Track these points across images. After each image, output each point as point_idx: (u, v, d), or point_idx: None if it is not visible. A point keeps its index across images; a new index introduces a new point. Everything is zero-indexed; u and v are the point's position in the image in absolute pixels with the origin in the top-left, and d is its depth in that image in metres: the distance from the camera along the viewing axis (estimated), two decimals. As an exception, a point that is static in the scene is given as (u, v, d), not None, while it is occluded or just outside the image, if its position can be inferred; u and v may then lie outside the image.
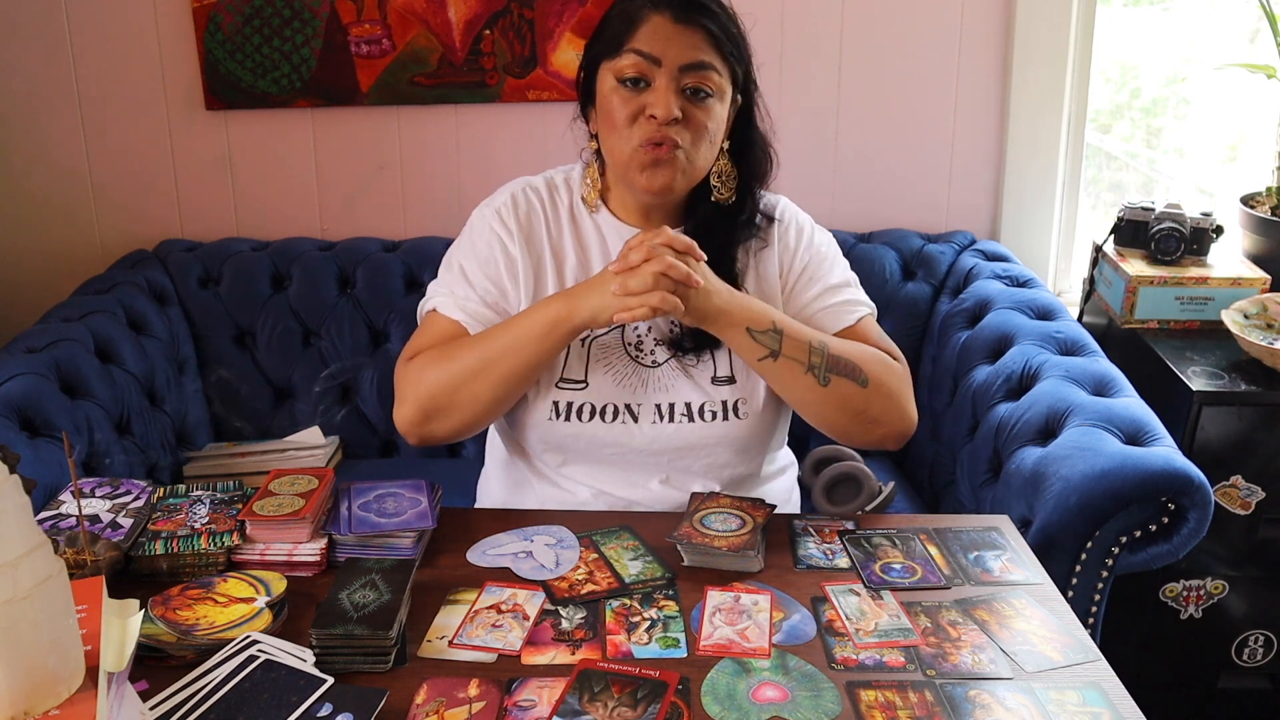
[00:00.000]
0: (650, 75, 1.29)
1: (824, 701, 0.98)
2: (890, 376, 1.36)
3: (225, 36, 2.15)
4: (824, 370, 1.30)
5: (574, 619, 1.11)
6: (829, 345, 1.32)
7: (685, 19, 1.30)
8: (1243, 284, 1.93)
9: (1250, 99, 2.28)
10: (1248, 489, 1.78)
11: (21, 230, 2.29)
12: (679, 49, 1.29)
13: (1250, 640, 1.89)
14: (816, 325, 1.39)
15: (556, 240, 1.41)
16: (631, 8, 1.31)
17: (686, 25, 1.29)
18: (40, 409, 1.61)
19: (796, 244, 1.44)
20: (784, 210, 1.47)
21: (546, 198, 1.43)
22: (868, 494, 1.80)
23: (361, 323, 2.15)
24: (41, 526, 0.93)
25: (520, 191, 1.43)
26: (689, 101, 1.30)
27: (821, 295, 1.42)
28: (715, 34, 1.31)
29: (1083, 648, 1.07)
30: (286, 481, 1.27)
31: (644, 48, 1.29)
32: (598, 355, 1.37)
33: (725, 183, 1.39)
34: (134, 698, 0.96)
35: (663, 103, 1.28)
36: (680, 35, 1.29)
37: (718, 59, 1.31)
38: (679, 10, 1.30)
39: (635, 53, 1.29)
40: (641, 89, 1.30)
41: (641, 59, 1.29)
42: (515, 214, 1.41)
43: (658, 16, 1.30)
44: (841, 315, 1.41)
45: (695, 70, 1.29)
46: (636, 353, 1.38)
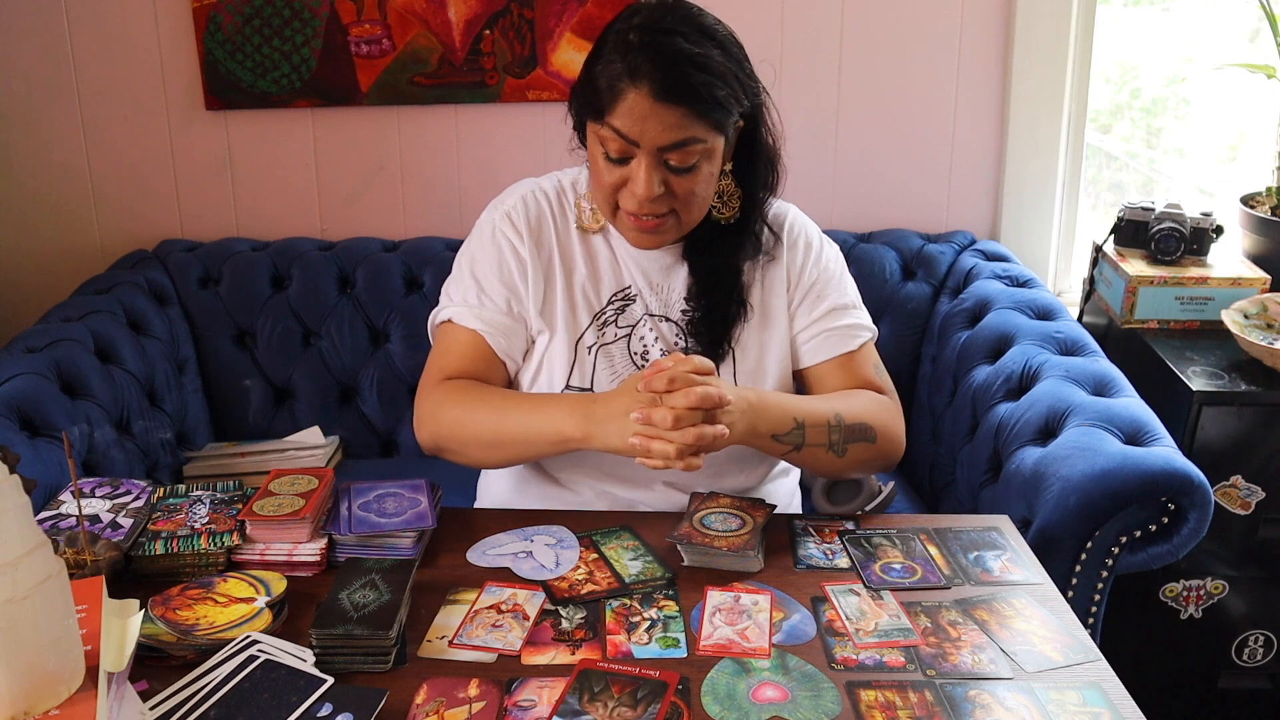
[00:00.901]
0: (630, 152, 1.25)
1: (824, 701, 0.99)
2: (892, 421, 1.38)
3: (225, 36, 2.15)
4: (842, 443, 1.33)
5: (574, 619, 1.11)
6: (844, 417, 1.33)
7: (665, 97, 1.21)
8: (1243, 284, 1.93)
9: (1250, 99, 2.28)
10: (1248, 489, 1.78)
11: (21, 230, 2.29)
12: (657, 130, 1.22)
13: (1250, 640, 1.89)
14: (819, 347, 1.41)
15: (566, 247, 1.40)
16: (613, 74, 1.23)
17: (666, 104, 1.21)
18: (40, 409, 1.61)
19: (805, 259, 1.42)
20: (793, 222, 1.45)
21: (555, 202, 1.42)
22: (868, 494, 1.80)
23: (361, 323, 2.15)
24: (41, 526, 0.93)
25: (530, 194, 1.41)
26: (673, 174, 1.26)
27: (827, 316, 1.41)
28: (698, 109, 1.23)
29: (1083, 648, 1.07)
30: (286, 481, 1.27)
31: (622, 127, 1.23)
32: (604, 364, 1.37)
33: (728, 202, 1.36)
34: (134, 698, 0.96)
35: (643, 184, 1.25)
36: (659, 114, 1.22)
37: (703, 128, 1.24)
38: (658, 89, 1.21)
39: (614, 130, 1.24)
40: (624, 163, 1.26)
41: (621, 139, 1.24)
42: (526, 216, 1.39)
43: (635, 93, 1.21)
44: (845, 339, 1.41)
45: (676, 149, 1.24)
46: (643, 362, 1.38)
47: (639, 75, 1.21)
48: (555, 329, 1.38)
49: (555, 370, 1.37)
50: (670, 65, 1.21)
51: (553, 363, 1.37)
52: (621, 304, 1.39)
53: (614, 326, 1.39)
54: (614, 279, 1.40)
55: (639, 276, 1.40)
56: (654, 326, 1.39)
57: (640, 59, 1.21)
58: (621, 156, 1.26)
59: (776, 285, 1.41)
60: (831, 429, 1.31)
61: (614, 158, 1.26)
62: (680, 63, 1.21)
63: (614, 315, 1.39)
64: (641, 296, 1.40)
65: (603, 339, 1.37)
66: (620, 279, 1.40)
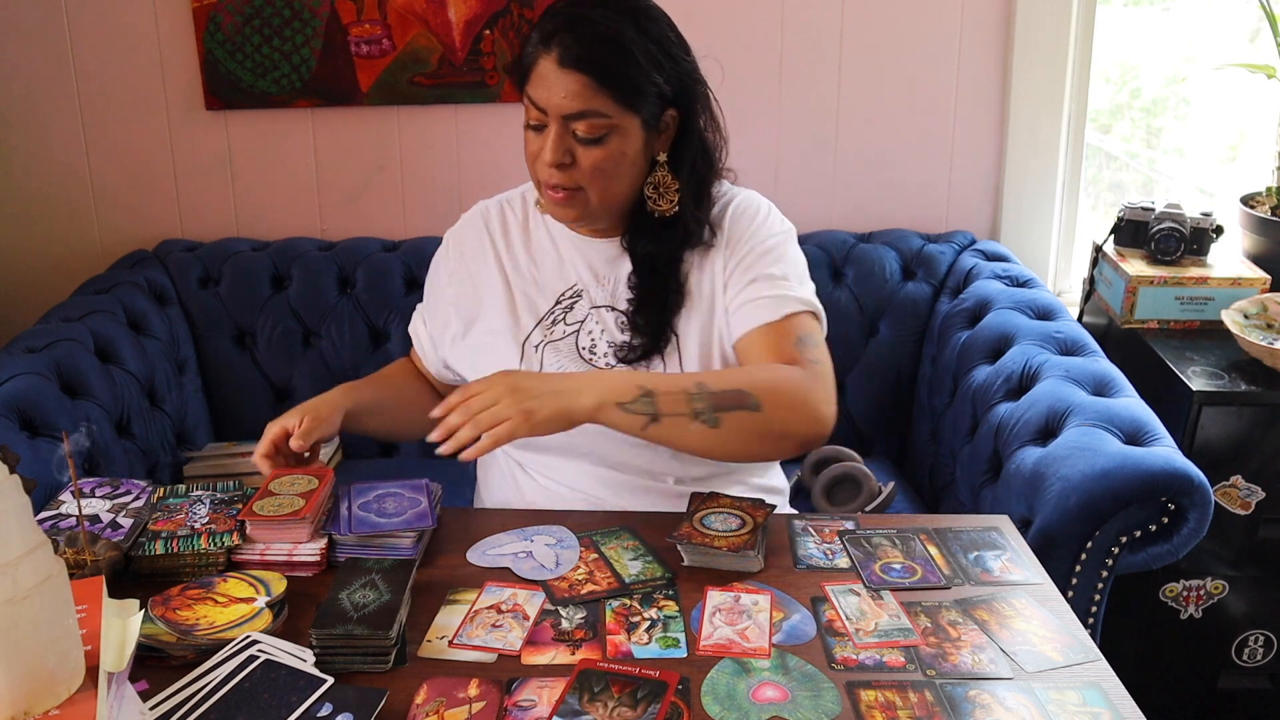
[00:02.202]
0: (543, 120, 1.29)
1: (824, 701, 0.98)
2: (785, 386, 1.27)
3: (225, 36, 2.15)
4: (710, 412, 1.22)
5: (574, 619, 1.11)
6: (707, 384, 1.24)
7: (567, 64, 1.25)
8: (1243, 284, 1.93)
9: (1250, 99, 2.28)
10: (1248, 489, 1.78)
11: (21, 230, 2.29)
12: (560, 98, 1.26)
13: (1250, 640, 1.89)
14: (744, 318, 1.35)
15: (512, 255, 1.45)
16: (530, 43, 1.29)
17: (567, 71, 1.25)
18: (40, 409, 1.61)
19: (740, 236, 1.39)
20: (738, 204, 1.42)
21: (496, 217, 1.48)
22: (867, 494, 1.81)
23: (361, 323, 2.15)
24: (41, 526, 0.93)
25: (472, 216, 1.50)
26: (580, 144, 1.28)
27: (753, 285, 1.35)
28: (601, 79, 1.25)
29: (1083, 648, 1.07)
30: (286, 481, 1.27)
31: (534, 95, 1.28)
32: (550, 360, 1.39)
33: (663, 194, 1.35)
34: (134, 698, 0.96)
35: (547, 150, 1.28)
36: (562, 82, 1.25)
37: (607, 102, 1.26)
38: (562, 54, 1.25)
39: (529, 99, 1.29)
40: (541, 132, 1.30)
41: (534, 107, 1.28)
42: (460, 244, 1.49)
43: (545, 60, 1.26)
44: (768, 309, 1.33)
45: (579, 119, 1.27)
46: (590, 355, 1.39)
47: (550, 43, 1.26)
48: (498, 333, 1.41)
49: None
50: (575, 36, 1.25)
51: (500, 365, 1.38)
52: (570, 301, 1.41)
53: (562, 324, 1.40)
54: (562, 278, 1.42)
55: (584, 269, 1.41)
56: (600, 319, 1.40)
57: (552, 27, 1.27)
58: (538, 124, 1.30)
59: (716, 270, 1.39)
60: (692, 398, 1.22)
61: (533, 125, 1.31)
62: (586, 34, 1.26)
63: (562, 313, 1.41)
64: (588, 291, 1.41)
65: (550, 336, 1.39)
66: (567, 278, 1.42)
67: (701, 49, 1.36)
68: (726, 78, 1.42)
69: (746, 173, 2.35)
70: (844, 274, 2.14)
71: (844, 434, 2.12)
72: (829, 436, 1.31)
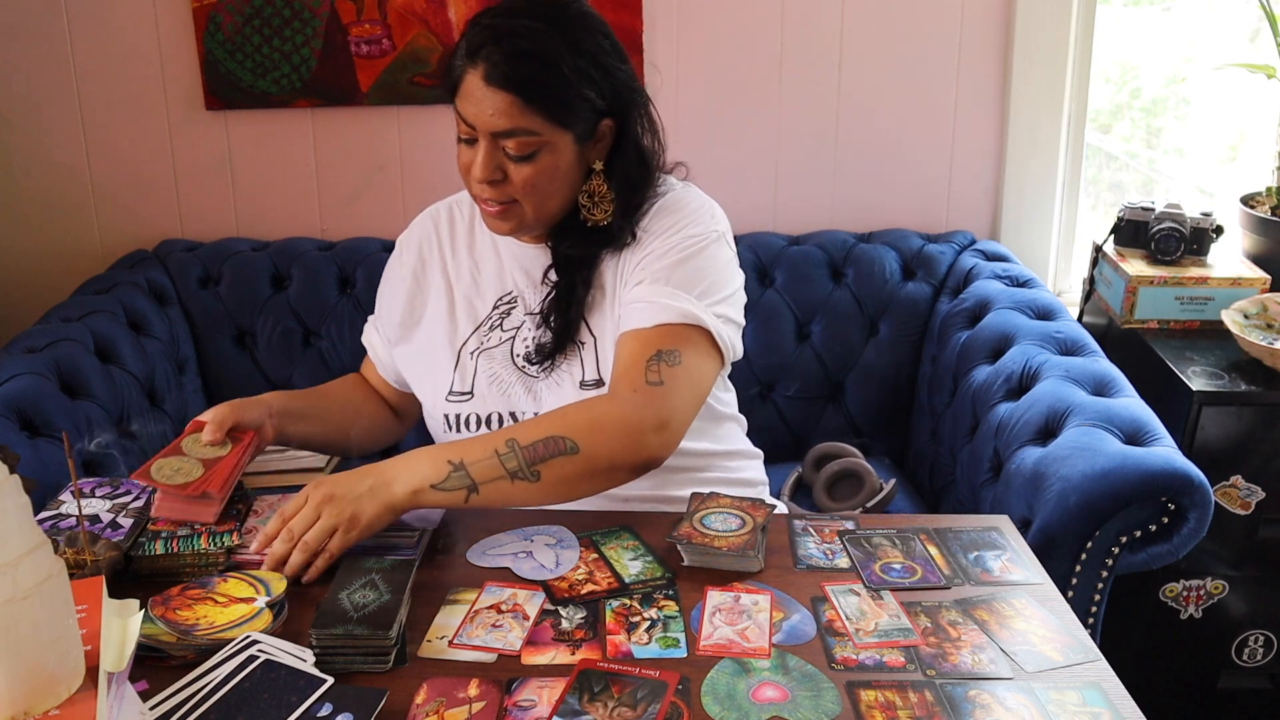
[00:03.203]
0: (473, 135, 1.27)
1: (824, 701, 0.98)
2: (603, 420, 1.22)
3: (225, 36, 2.15)
4: (527, 468, 1.20)
5: (574, 619, 1.11)
6: (519, 439, 1.21)
7: (495, 81, 1.22)
8: (1243, 284, 1.93)
9: (1250, 99, 2.28)
10: (1248, 489, 1.78)
11: (21, 230, 2.29)
12: (489, 116, 1.23)
13: (1250, 640, 1.89)
14: (624, 320, 1.31)
15: (454, 259, 1.45)
16: (456, 55, 1.26)
17: (495, 89, 1.22)
18: (40, 409, 1.61)
19: (652, 235, 1.34)
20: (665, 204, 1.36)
21: (445, 220, 1.48)
22: (869, 490, 1.81)
23: (361, 323, 2.12)
24: (41, 526, 0.93)
25: (420, 220, 1.50)
26: (511, 160, 1.27)
27: (639, 287, 1.30)
28: (529, 98, 1.23)
29: (1083, 648, 1.06)
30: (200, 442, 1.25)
31: (462, 111, 1.26)
32: (484, 367, 1.39)
33: (598, 203, 1.32)
34: (134, 698, 0.96)
35: (476, 166, 1.27)
36: (490, 100, 1.23)
37: (536, 120, 1.24)
38: (489, 71, 1.22)
39: (458, 113, 1.27)
40: (472, 144, 1.28)
41: (463, 122, 1.27)
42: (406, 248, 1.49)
43: (471, 75, 1.23)
44: (640, 315, 1.28)
45: (508, 136, 1.25)
46: (523, 364, 1.38)
47: (476, 58, 1.23)
48: (438, 338, 1.42)
49: (438, 378, 1.41)
50: (502, 53, 1.22)
51: (436, 371, 1.41)
52: (507, 308, 1.41)
53: (499, 330, 1.40)
54: (501, 284, 1.42)
55: (521, 277, 1.41)
56: (533, 327, 1.39)
57: (478, 42, 1.23)
58: (468, 138, 1.28)
59: (625, 267, 1.36)
60: (504, 457, 1.20)
61: (463, 138, 1.29)
62: (513, 52, 1.22)
63: (499, 319, 1.40)
64: (523, 298, 1.41)
65: (486, 344, 1.39)
66: (505, 284, 1.42)
67: (702, 49, 1.35)
68: (727, 78, 1.41)
69: (747, 173, 2.36)
70: (844, 274, 2.14)
71: (844, 433, 2.13)
72: (665, 459, 1.26)
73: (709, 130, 2.22)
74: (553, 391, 1.36)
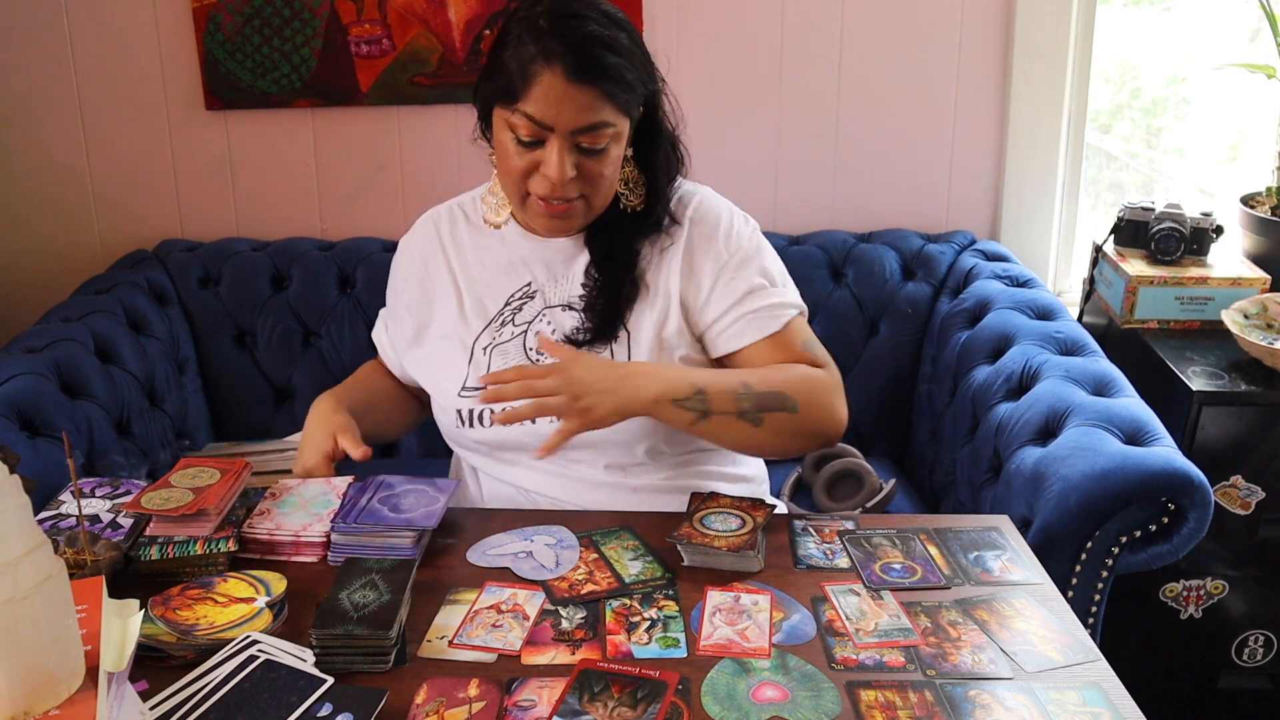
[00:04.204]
0: (542, 136, 1.26)
1: (824, 701, 0.98)
2: (817, 391, 1.31)
3: (225, 36, 2.15)
4: (755, 413, 1.27)
5: (574, 619, 1.11)
6: (753, 385, 1.28)
7: (578, 78, 1.22)
8: (1243, 284, 1.93)
9: (1250, 99, 2.28)
10: (1248, 489, 1.78)
11: (21, 230, 2.29)
12: (571, 113, 1.24)
13: (1250, 640, 1.89)
14: (741, 332, 1.36)
15: (455, 259, 1.45)
16: (524, 57, 1.24)
17: (580, 84, 1.23)
18: (40, 409, 1.61)
19: (712, 241, 1.38)
20: (699, 205, 1.41)
21: (446, 221, 1.48)
22: (869, 490, 1.81)
23: (361, 323, 2.15)
24: (41, 526, 0.93)
25: (421, 222, 1.51)
26: (584, 156, 1.27)
27: (745, 299, 1.36)
28: (611, 90, 1.24)
29: (1083, 648, 1.07)
30: (189, 474, 1.26)
31: (535, 113, 1.24)
32: (499, 362, 1.39)
33: (633, 189, 1.37)
34: (134, 698, 0.96)
35: (555, 167, 1.26)
36: (573, 96, 1.23)
37: (613, 113, 1.26)
38: (572, 69, 1.22)
39: (527, 116, 1.24)
40: (535, 147, 1.27)
41: (533, 124, 1.25)
42: (409, 251, 1.49)
43: (549, 74, 1.22)
44: (768, 321, 1.36)
45: (589, 132, 1.26)
46: (538, 356, 1.38)
47: (553, 57, 1.22)
48: (448, 337, 1.42)
49: (451, 374, 1.40)
50: (583, 47, 1.23)
51: (448, 368, 1.41)
52: (520, 302, 1.41)
53: (511, 325, 1.40)
54: (513, 279, 1.42)
55: (540, 269, 1.41)
56: (553, 319, 1.39)
57: (553, 42, 1.22)
58: (533, 139, 1.27)
59: (675, 270, 1.37)
60: (740, 397, 1.26)
61: (525, 140, 1.27)
62: (593, 44, 1.23)
63: (511, 314, 1.41)
64: (542, 291, 1.41)
65: (498, 339, 1.40)
66: (519, 278, 1.42)
67: (702, 49, 1.36)
68: (727, 78, 1.42)
69: (746, 173, 2.35)
70: (844, 274, 2.14)
71: (844, 433, 2.12)
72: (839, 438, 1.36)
73: (709, 130, 2.22)
74: None
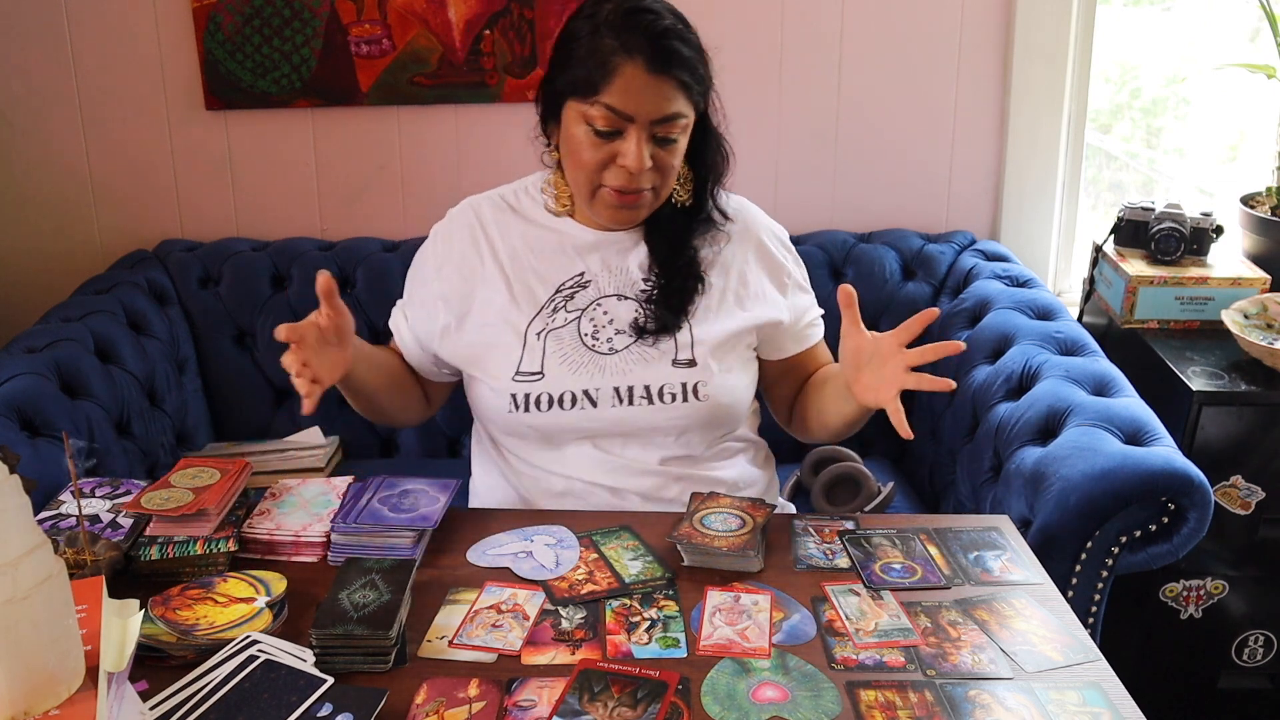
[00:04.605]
0: (621, 127, 1.29)
1: (824, 701, 0.99)
2: None
3: (225, 36, 2.15)
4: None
5: (574, 619, 1.11)
6: None
7: (659, 69, 1.27)
8: (1243, 284, 1.93)
9: (1250, 99, 2.28)
10: (1248, 489, 1.78)
11: (21, 230, 2.29)
12: (652, 103, 1.28)
13: (1250, 640, 1.89)
14: (804, 337, 1.50)
15: (501, 246, 1.44)
16: (603, 50, 1.27)
17: (660, 76, 1.27)
18: (40, 409, 1.61)
19: (783, 252, 1.49)
20: (742, 207, 1.50)
21: (490, 211, 1.47)
22: (866, 494, 1.80)
23: (362, 323, 2.15)
24: (41, 526, 0.93)
25: (461, 211, 1.49)
26: (659, 147, 1.31)
27: (805, 313, 1.50)
28: (687, 82, 1.29)
29: (1083, 648, 1.07)
30: (189, 474, 1.26)
31: (616, 104, 1.27)
32: (553, 347, 1.40)
33: (685, 185, 1.41)
34: (134, 698, 0.96)
35: (635, 157, 1.29)
36: (653, 88, 1.27)
37: (686, 104, 1.31)
38: (652, 61, 1.27)
39: (607, 107, 1.28)
40: (612, 138, 1.30)
41: (613, 115, 1.28)
42: (449, 239, 1.47)
43: (631, 66, 1.26)
44: (815, 331, 1.52)
45: (667, 122, 1.30)
46: (593, 341, 1.40)
47: (633, 49, 1.27)
48: (496, 323, 1.41)
49: (503, 360, 1.40)
50: (662, 39, 1.27)
51: (498, 353, 1.40)
52: (572, 290, 1.42)
53: (564, 311, 1.41)
54: (564, 268, 1.43)
55: (595, 260, 1.43)
56: (608, 308, 1.41)
57: (633, 35, 1.27)
58: (611, 130, 1.29)
59: (737, 269, 1.45)
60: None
61: (603, 131, 1.29)
62: (670, 36, 1.28)
63: (563, 301, 1.42)
64: (596, 280, 1.42)
65: (551, 324, 1.40)
66: (571, 267, 1.43)
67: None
68: (727, 78, 1.42)
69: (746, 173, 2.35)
70: (844, 274, 2.14)
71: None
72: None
73: (709, 130, 2.22)
74: (635, 368, 1.39)
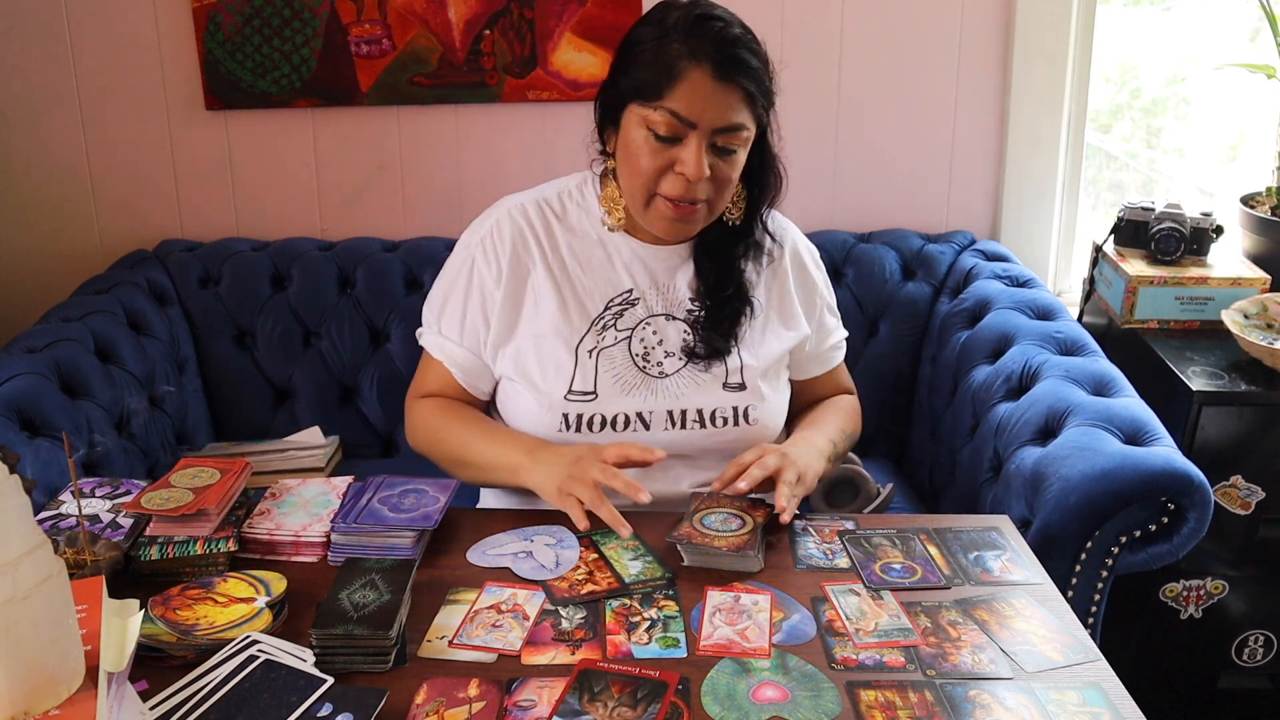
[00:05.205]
0: (682, 133, 1.27)
1: (824, 701, 0.99)
2: (857, 423, 1.57)
3: (225, 36, 2.15)
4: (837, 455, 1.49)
5: (574, 619, 1.11)
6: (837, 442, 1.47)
7: (725, 77, 1.25)
8: (1243, 284, 1.93)
9: (1250, 99, 2.28)
10: (1248, 489, 1.78)
11: (21, 230, 2.29)
12: (716, 111, 1.26)
13: (1250, 640, 1.89)
14: (824, 361, 1.55)
15: (551, 256, 1.41)
16: (669, 55, 1.25)
17: (726, 84, 1.25)
18: (40, 409, 1.61)
19: (809, 276, 1.51)
20: (787, 229, 1.51)
21: (537, 217, 1.43)
22: (865, 497, 1.80)
23: (361, 323, 2.15)
24: (41, 526, 0.93)
25: (507, 214, 1.43)
26: (718, 157, 1.29)
27: (830, 335, 1.55)
28: (752, 92, 1.27)
29: (1083, 648, 1.07)
30: (189, 474, 1.26)
31: (680, 110, 1.25)
32: (605, 367, 1.38)
33: (736, 204, 1.40)
34: (134, 698, 0.96)
35: (695, 164, 1.27)
36: (718, 95, 1.25)
37: (749, 116, 1.29)
38: (719, 68, 1.25)
39: (670, 112, 1.26)
40: (672, 144, 1.28)
41: (676, 120, 1.26)
42: (501, 239, 1.41)
43: (697, 72, 1.24)
44: (838, 352, 1.57)
45: (729, 132, 1.28)
46: (644, 363, 1.39)
47: (700, 55, 1.25)
48: (548, 338, 1.39)
49: (554, 377, 1.38)
50: (730, 47, 1.26)
51: (549, 370, 1.39)
52: (621, 308, 1.41)
53: (613, 330, 1.40)
54: (612, 284, 1.41)
55: (643, 277, 1.41)
56: (658, 328, 1.40)
57: (700, 41, 1.25)
58: (671, 136, 1.27)
59: (782, 289, 1.47)
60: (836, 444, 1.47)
61: (664, 136, 1.27)
62: (739, 45, 1.27)
63: (613, 319, 1.40)
64: (645, 298, 1.41)
65: (602, 343, 1.39)
66: (619, 283, 1.41)
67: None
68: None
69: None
70: (844, 274, 2.14)
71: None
72: None
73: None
74: (687, 391, 1.39)
